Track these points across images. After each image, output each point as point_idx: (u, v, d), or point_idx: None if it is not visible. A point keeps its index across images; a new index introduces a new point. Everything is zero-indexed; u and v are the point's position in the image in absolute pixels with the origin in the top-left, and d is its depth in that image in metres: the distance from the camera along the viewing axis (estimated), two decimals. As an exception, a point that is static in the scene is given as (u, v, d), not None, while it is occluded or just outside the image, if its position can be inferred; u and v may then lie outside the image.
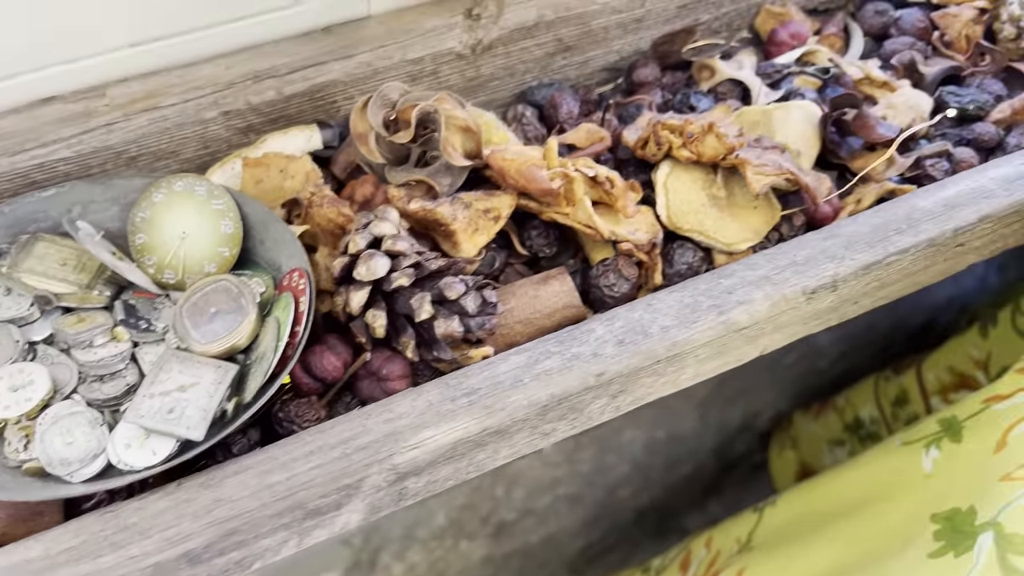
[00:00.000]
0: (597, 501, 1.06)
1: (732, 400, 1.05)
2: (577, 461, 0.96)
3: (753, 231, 0.46)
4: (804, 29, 0.59)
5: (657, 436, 1.01)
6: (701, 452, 1.10)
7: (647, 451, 1.03)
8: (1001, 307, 0.76)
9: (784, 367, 1.02)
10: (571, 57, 0.55)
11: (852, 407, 0.93)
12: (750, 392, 1.05)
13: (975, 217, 0.44)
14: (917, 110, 0.53)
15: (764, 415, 1.12)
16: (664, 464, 1.07)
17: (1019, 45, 0.58)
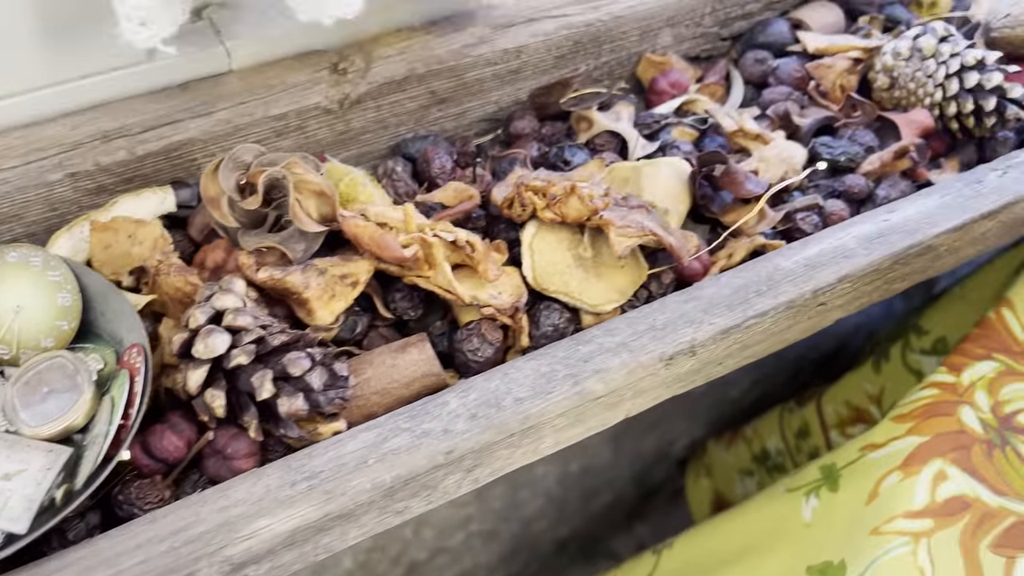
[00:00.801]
0: (514, 535, 1.05)
1: (646, 430, 1.05)
2: (488, 499, 0.95)
3: (619, 291, 0.46)
4: (684, 78, 0.59)
5: (571, 469, 1.01)
6: (619, 482, 1.10)
7: (561, 484, 1.02)
8: (893, 342, 0.78)
9: (695, 397, 1.03)
10: (447, 109, 0.54)
11: (759, 438, 0.94)
12: (664, 422, 1.05)
13: (834, 278, 0.44)
14: (790, 162, 0.53)
15: (680, 443, 1.12)
16: (581, 495, 1.07)
17: (892, 95, 0.59)
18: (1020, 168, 0.50)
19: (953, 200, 0.49)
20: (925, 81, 0.56)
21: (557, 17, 0.54)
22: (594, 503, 1.10)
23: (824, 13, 0.63)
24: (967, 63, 0.55)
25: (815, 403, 0.85)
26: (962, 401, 0.54)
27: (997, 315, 0.59)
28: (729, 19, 0.61)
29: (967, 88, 0.55)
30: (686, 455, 1.13)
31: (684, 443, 1.12)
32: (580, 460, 1.00)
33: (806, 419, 0.85)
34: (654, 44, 0.59)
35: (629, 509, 1.16)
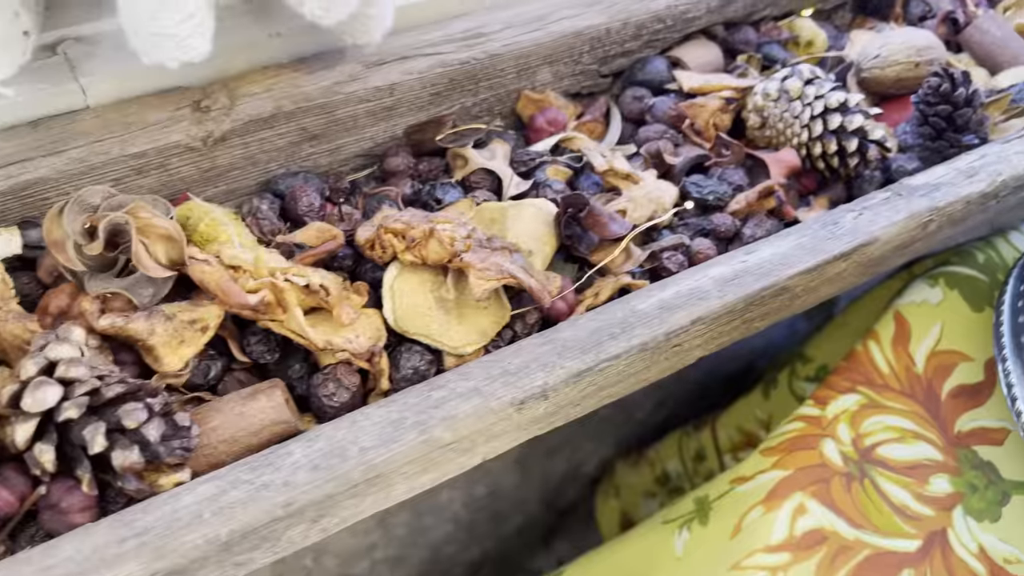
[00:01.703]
0: (423, 560, 1.04)
1: (552, 452, 1.05)
2: (391, 526, 0.94)
3: (481, 333, 0.46)
4: (562, 116, 0.60)
5: (476, 493, 1.01)
6: (529, 503, 1.11)
7: (468, 509, 1.02)
8: (781, 369, 0.80)
9: (599, 419, 1.04)
10: (320, 145, 0.53)
11: (661, 460, 0.95)
12: (569, 444, 1.06)
13: (687, 320, 0.45)
14: (659, 201, 0.55)
15: (590, 463, 1.13)
16: (489, 518, 1.07)
17: (764, 134, 0.60)
18: (875, 209, 0.52)
19: (809, 241, 0.50)
20: (792, 122, 0.58)
21: (431, 55, 0.54)
22: (505, 525, 1.10)
23: (703, 52, 0.64)
24: (830, 105, 0.57)
25: (710, 427, 0.86)
26: (825, 434, 0.55)
27: (864, 347, 0.61)
28: (608, 57, 0.62)
29: (830, 129, 0.57)
30: (598, 474, 1.14)
31: (595, 463, 1.13)
32: (485, 484, 1.00)
33: (702, 443, 0.87)
34: (533, 81, 0.59)
35: (544, 529, 1.17)
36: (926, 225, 0.53)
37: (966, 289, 0.63)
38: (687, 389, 1.11)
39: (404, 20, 0.54)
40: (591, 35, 0.59)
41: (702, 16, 0.64)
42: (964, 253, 0.66)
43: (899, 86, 0.65)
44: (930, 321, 0.61)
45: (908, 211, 0.52)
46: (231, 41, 0.50)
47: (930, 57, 0.64)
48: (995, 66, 0.70)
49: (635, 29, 0.61)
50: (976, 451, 0.55)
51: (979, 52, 0.70)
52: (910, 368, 0.59)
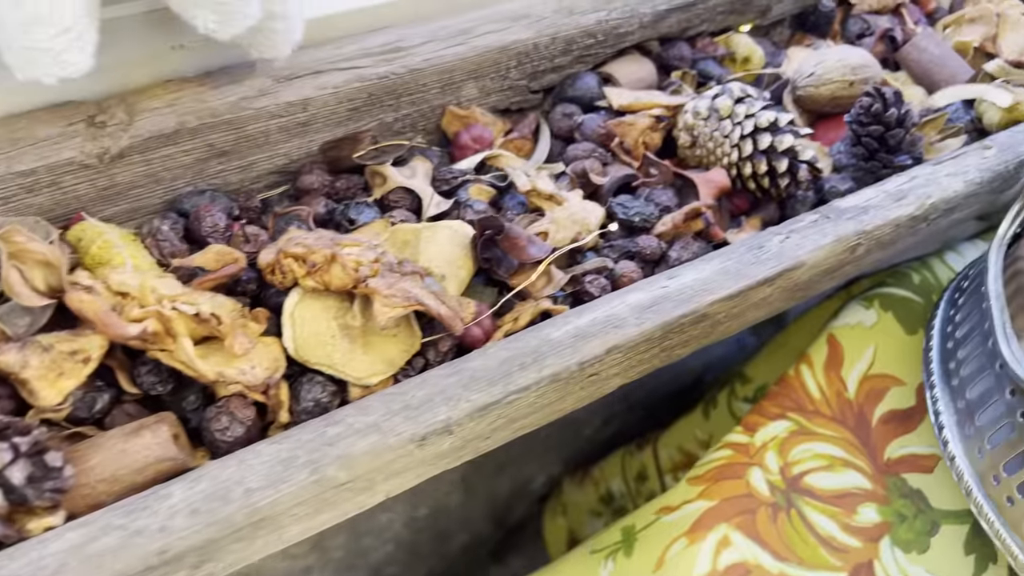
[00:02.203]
0: (364, 581, 1.02)
1: (498, 470, 1.03)
2: (328, 549, 0.91)
3: (387, 362, 0.44)
4: (488, 132, 0.58)
5: (418, 514, 0.99)
6: (474, 521, 1.08)
7: (410, 529, 1.00)
8: (721, 389, 0.78)
9: (545, 436, 1.02)
10: (229, 162, 0.51)
11: (605, 479, 0.94)
12: (514, 462, 1.04)
13: (602, 350, 0.44)
14: (583, 223, 0.53)
15: (538, 480, 1.11)
16: (433, 538, 1.05)
17: (695, 153, 0.59)
18: (802, 233, 0.51)
19: (733, 266, 0.49)
20: (722, 141, 0.57)
21: (347, 69, 0.52)
22: (450, 544, 1.08)
23: (635, 68, 0.63)
24: (761, 124, 0.56)
25: (652, 447, 0.85)
26: (752, 463, 0.54)
27: (796, 372, 0.60)
28: (538, 72, 0.60)
29: (761, 149, 0.56)
30: (546, 491, 1.12)
31: (543, 480, 1.12)
32: (427, 504, 0.98)
33: (644, 463, 0.86)
34: (458, 96, 0.58)
35: (493, 546, 1.15)
36: (854, 249, 0.52)
37: (900, 311, 0.62)
38: (635, 405, 1.10)
39: (318, 33, 0.52)
40: (518, 50, 0.58)
41: (635, 31, 0.62)
42: (899, 274, 0.66)
43: (834, 104, 0.64)
44: (863, 344, 0.60)
45: (835, 235, 0.51)
46: (130, 53, 0.47)
47: (865, 75, 0.63)
48: (932, 85, 0.69)
49: (564, 44, 0.59)
50: (905, 479, 0.54)
51: (916, 70, 0.70)
52: (841, 393, 0.57)
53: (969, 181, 0.56)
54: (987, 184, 0.57)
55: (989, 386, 0.48)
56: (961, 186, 0.55)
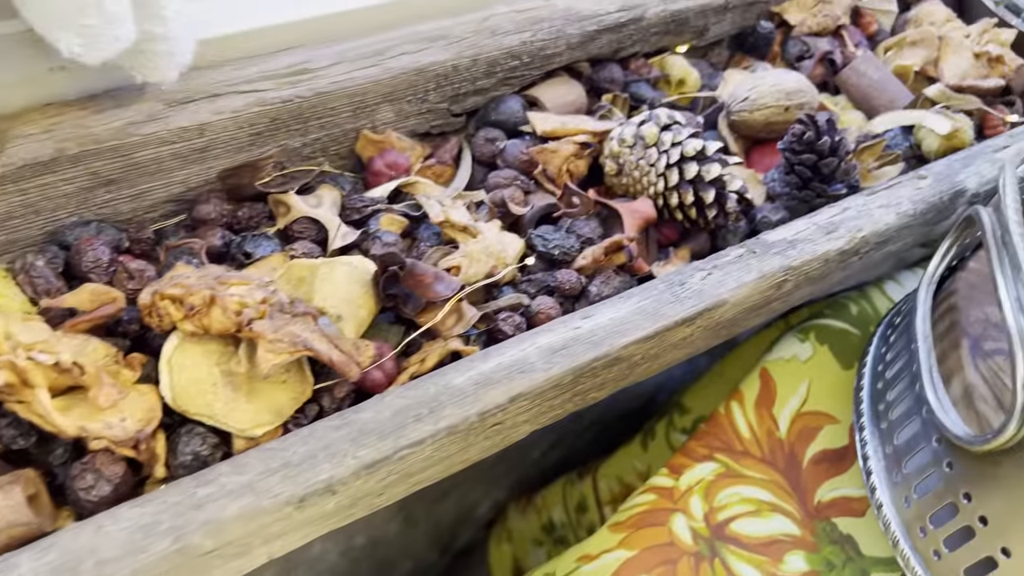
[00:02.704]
0: (300, 614, 0.98)
1: (441, 497, 1.00)
2: (257, 583, 0.87)
3: (275, 412, 0.41)
4: (404, 158, 0.55)
5: (355, 543, 0.95)
6: (417, 548, 1.05)
7: (347, 559, 0.96)
8: (659, 419, 0.76)
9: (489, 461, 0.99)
10: (118, 191, 0.48)
11: (547, 508, 0.91)
12: (460, 487, 1.01)
13: (505, 398, 0.41)
14: (499, 256, 0.50)
15: (483, 505, 1.08)
16: (374, 567, 1.01)
17: (621, 181, 0.56)
18: (725, 269, 0.49)
19: (651, 305, 0.46)
20: (648, 170, 0.54)
21: (247, 93, 0.49)
22: (393, 573, 1.05)
23: (563, 91, 0.61)
24: (687, 153, 0.54)
25: (592, 477, 0.82)
26: (676, 508, 0.51)
27: (726, 409, 0.57)
28: (459, 95, 0.57)
29: (687, 179, 0.53)
30: (493, 517, 1.09)
31: (488, 505, 1.09)
32: (365, 533, 0.95)
33: (584, 493, 0.83)
34: (373, 120, 0.55)
35: (438, 574, 1.12)
36: (780, 285, 0.50)
37: (837, 344, 0.60)
38: (584, 429, 1.07)
39: (216, 54, 0.49)
40: (436, 72, 0.55)
41: (563, 53, 0.60)
42: (837, 304, 0.64)
43: (769, 130, 0.62)
44: (797, 380, 0.58)
45: (760, 271, 0.49)
46: (3, 75, 0.44)
47: (800, 101, 0.61)
48: (871, 109, 0.67)
49: (487, 66, 0.57)
50: (835, 524, 0.51)
51: (855, 95, 0.68)
52: (772, 432, 0.55)
53: (902, 213, 0.54)
54: (921, 216, 0.55)
55: (916, 432, 0.46)
56: (894, 218, 0.53)
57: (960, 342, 0.48)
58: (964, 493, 0.42)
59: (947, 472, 0.43)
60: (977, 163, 0.59)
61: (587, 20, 0.60)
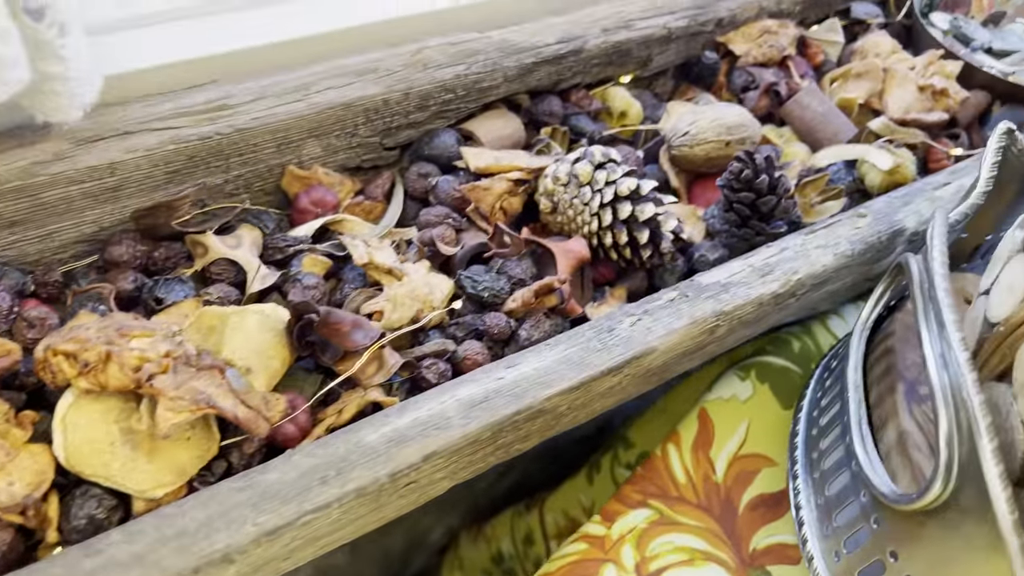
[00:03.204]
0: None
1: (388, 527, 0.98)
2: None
3: (178, 471, 0.39)
4: (331, 195, 0.53)
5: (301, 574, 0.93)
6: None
7: (293, 590, 0.94)
8: (604, 453, 0.75)
9: (439, 491, 0.97)
10: (24, 232, 0.46)
11: (496, 538, 0.89)
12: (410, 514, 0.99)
13: (419, 457, 0.39)
14: (426, 300, 0.49)
15: (436, 531, 1.06)
16: (322, 598, 0.99)
17: (556, 219, 0.55)
18: (656, 314, 0.47)
19: (577, 354, 0.45)
20: (582, 209, 0.53)
21: (160, 130, 0.47)
22: (342, 602, 1.03)
23: (500, 124, 0.59)
24: (621, 193, 0.52)
25: (539, 509, 0.81)
26: (607, 559, 0.50)
27: (663, 451, 0.56)
28: (392, 128, 0.56)
29: (621, 219, 0.52)
30: (445, 543, 1.07)
31: (441, 532, 1.07)
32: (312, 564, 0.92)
33: (531, 526, 0.82)
34: (299, 155, 0.53)
35: (390, 600, 1.09)
36: (712, 330, 0.48)
37: (778, 383, 0.59)
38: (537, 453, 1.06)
39: (127, 90, 0.47)
40: (365, 106, 0.53)
41: (499, 86, 0.59)
42: (780, 341, 0.63)
43: (710, 165, 0.61)
44: (736, 420, 0.57)
45: (691, 317, 0.47)
46: None
47: (742, 136, 0.61)
48: (815, 143, 0.67)
49: (419, 100, 0.55)
50: (770, 572, 0.50)
51: (800, 127, 0.67)
52: (709, 477, 0.54)
53: (840, 254, 0.53)
54: (859, 256, 0.54)
55: (846, 484, 0.45)
56: (831, 259, 0.53)
57: (896, 386, 0.47)
58: (891, 551, 0.41)
59: (875, 528, 0.42)
60: (916, 202, 0.58)
61: (524, 52, 0.58)
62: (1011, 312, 0.37)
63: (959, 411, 0.36)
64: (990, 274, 0.42)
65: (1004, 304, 0.38)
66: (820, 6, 0.74)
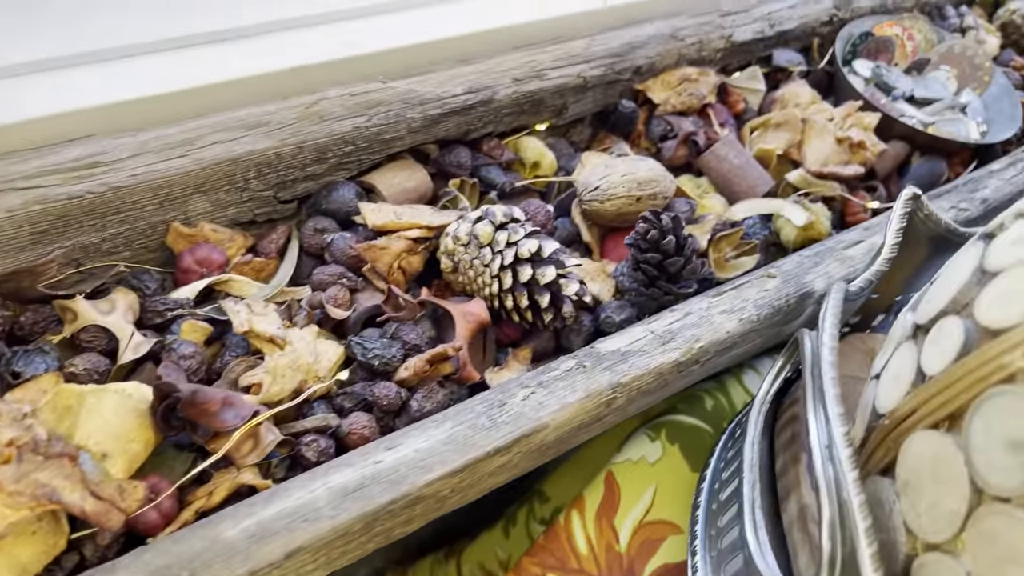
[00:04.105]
0: None
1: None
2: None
3: (19, 569, 0.36)
4: (218, 253, 0.51)
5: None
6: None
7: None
8: (521, 506, 0.73)
9: (360, 535, 0.95)
10: None
11: (417, 586, 0.87)
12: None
13: (281, 554, 0.37)
14: (310, 370, 0.46)
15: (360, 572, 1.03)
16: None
17: (458, 279, 0.53)
18: (551, 387, 0.46)
19: (463, 432, 0.43)
20: (483, 271, 0.51)
21: (25, 189, 0.44)
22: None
23: (405, 176, 0.57)
24: (522, 255, 0.51)
25: (457, 560, 0.79)
26: (503, 636, 0.48)
27: (565, 520, 0.54)
28: (288, 182, 0.53)
29: (522, 282, 0.51)
30: (372, 584, 1.04)
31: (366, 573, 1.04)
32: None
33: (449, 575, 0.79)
34: (185, 211, 0.50)
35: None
36: (609, 403, 0.47)
37: (688, 443, 0.58)
38: (465, 493, 1.03)
39: (-9, 146, 0.44)
40: (256, 160, 0.51)
41: (404, 137, 0.57)
42: (693, 398, 0.61)
43: (622, 220, 0.60)
44: (643, 485, 0.55)
45: (586, 390, 0.46)
46: None
47: (653, 191, 0.59)
48: (732, 195, 0.66)
49: (316, 153, 0.53)
50: (670, 649, 0.49)
51: (716, 179, 0.66)
52: (612, 546, 0.52)
53: (745, 319, 0.52)
54: (766, 320, 0.53)
55: (739, 569, 0.43)
56: (735, 325, 0.51)
57: (799, 456, 0.46)
58: (780, 644, 0.39)
59: (765, 619, 0.40)
60: (827, 262, 0.57)
61: (429, 104, 0.57)
62: (896, 405, 0.36)
63: (842, 507, 0.35)
64: (883, 356, 0.41)
65: (891, 395, 0.37)
66: (742, 53, 0.74)
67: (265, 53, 0.52)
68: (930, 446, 0.34)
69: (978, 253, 0.37)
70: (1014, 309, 0.32)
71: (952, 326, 0.35)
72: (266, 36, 0.53)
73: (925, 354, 0.36)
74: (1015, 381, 0.31)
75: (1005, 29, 0.91)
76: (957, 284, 0.36)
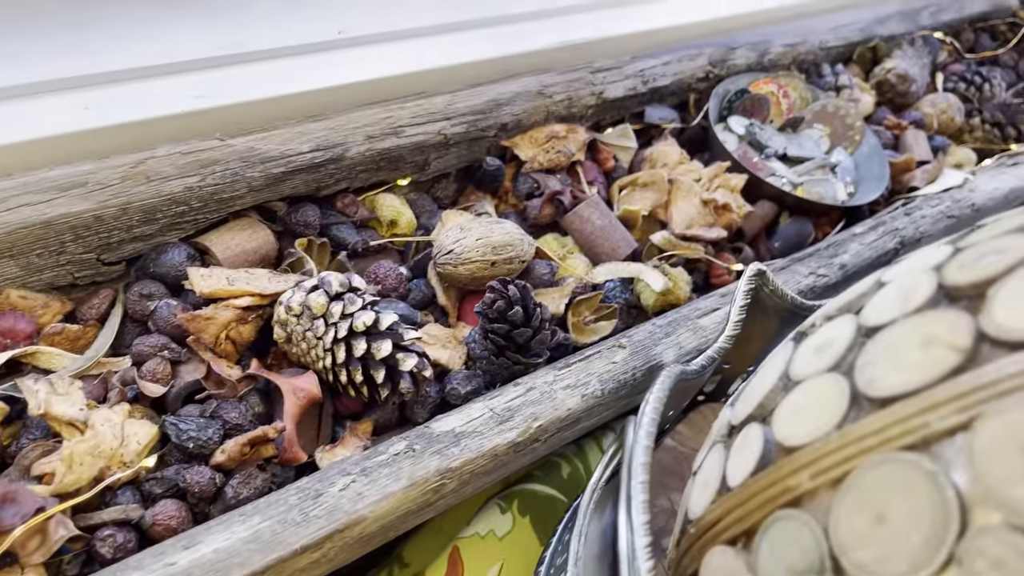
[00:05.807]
0: None
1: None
2: None
3: None
4: (25, 322, 0.47)
5: None
6: None
7: None
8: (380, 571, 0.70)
9: None
10: None
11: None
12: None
13: (43, 677, 0.34)
14: (115, 454, 0.43)
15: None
16: None
17: (292, 351, 0.51)
18: (373, 475, 0.44)
19: (270, 528, 0.40)
20: (316, 343, 0.49)
21: None
22: None
23: (245, 237, 0.54)
24: (357, 328, 0.49)
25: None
26: None
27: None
28: (112, 243, 0.50)
29: (357, 356, 0.48)
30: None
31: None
32: None
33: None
34: (-10, 277, 0.47)
35: None
36: (438, 489, 0.45)
37: (540, 515, 0.56)
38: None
39: None
40: (71, 224, 0.48)
41: (244, 195, 0.54)
42: (549, 465, 0.60)
43: (476, 283, 0.58)
44: (489, 561, 0.54)
45: (410, 478, 0.44)
46: None
47: (509, 255, 0.58)
48: (595, 256, 0.65)
49: (143, 214, 0.50)
50: None
51: (580, 240, 0.66)
52: (447, 632, 0.50)
53: (588, 395, 0.51)
54: (609, 395, 0.52)
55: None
56: (578, 402, 0.50)
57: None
58: None
59: None
60: (679, 332, 0.57)
61: (272, 162, 0.54)
62: (702, 512, 0.35)
63: (643, 620, 0.34)
64: (703, 450, 0.40)
65: (700, 501, 0.36)
66: (615, 109, 0.73)
67: (88, 107, 0.49)
68: (726, 563, 0.33)
69: (787, 355, 0.36)
70: (804, 427, 0.31)
71: (754, 435, 0.34)
72: (87, 90, 0.50)
73: (731, 462, 0.35)
74: (800, 506, 0.30)
75: (880, 87, 0.93)
76: (764, 388, 0.36)
